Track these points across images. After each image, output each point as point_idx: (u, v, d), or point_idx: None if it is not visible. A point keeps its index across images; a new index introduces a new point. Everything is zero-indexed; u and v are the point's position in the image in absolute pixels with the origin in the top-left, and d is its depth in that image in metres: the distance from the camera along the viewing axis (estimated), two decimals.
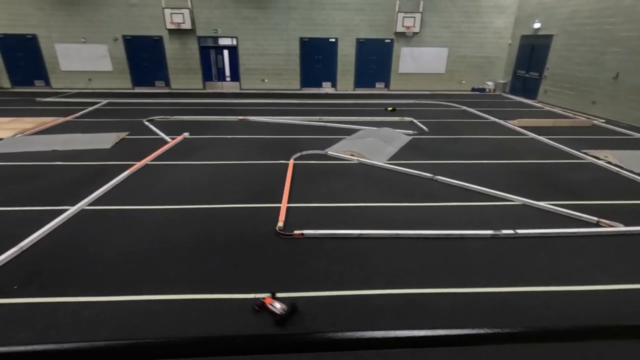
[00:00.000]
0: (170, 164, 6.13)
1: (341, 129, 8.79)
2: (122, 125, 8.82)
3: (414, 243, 3.82)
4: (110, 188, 5.07)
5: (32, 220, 4.12)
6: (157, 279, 3.20)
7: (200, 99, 12.87)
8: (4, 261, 3.38)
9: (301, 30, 14.71)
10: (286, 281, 3.19)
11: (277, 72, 15.36)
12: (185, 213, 4.42)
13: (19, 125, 8.56)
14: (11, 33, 14.26)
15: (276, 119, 9.62)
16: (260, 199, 4.80)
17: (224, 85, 15.62)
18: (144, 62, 15.02)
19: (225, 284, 3.15)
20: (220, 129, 8.63)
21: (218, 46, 15.00)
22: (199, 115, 9.95)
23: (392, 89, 15.80)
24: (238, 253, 3.61)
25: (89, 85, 15.09)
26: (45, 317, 2.74)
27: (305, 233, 3.92)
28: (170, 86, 15.36)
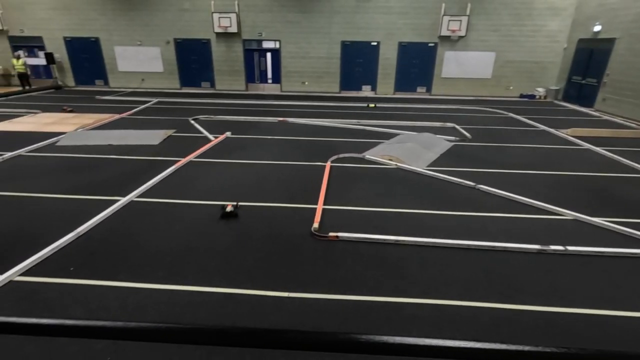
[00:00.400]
0: (212, 162, 6.38)
1: (380, 133, 8.70)
2: (169, 123, 9.32)
3: (453, 253, 3.68)
4: (157, 182, 5.37)
5: (88, 208, 4.46)
6: (197, 270, 3.34)
7: (243, 100, 13.29)
8: (63, 244, 3.68)
9: (343, 33, 14.76)
10: (320, 282, 3.20)
11: (318, 75, 15.52)
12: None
13: (80, 121, 9.32)
14: (77, 36, 15.58)
15: (315, 121, 9.71)
16: (297, 200, 4.86)
17: (266, 87, 16.02)
18: (192, 63, 15.78)
19: (261, 280, 3.22)
20: (260, 129, 8.86)
21: (261, 49, 15.43)
22: (240, 116, 10.28)
23: (434, 94, 15.40)
24: (274, 251, 3.68)
25: (142, 85, 16.11)
26: (97, 299, 2.95)
27: (340, 236, 3.91)
28: (215, 87, 16.01)
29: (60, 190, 5.04)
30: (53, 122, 9.13)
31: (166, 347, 2.45)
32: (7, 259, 3.41)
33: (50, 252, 3.53)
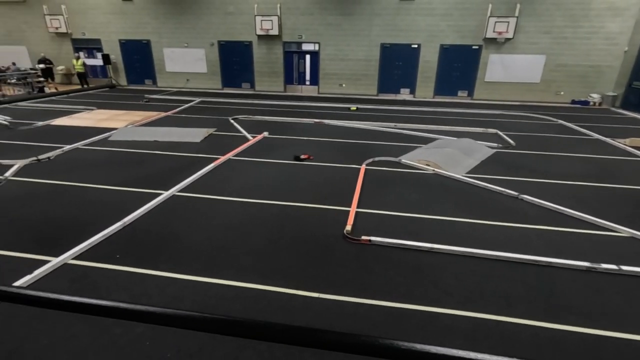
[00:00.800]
0: (250, 160, 6.55)
1: (417, 137, 8.51)
2: (211, 121, 9.70)
3: (492, 265, 3.52)
4: (197, 178, 5.60)
5: (134, 200, 4.74)
6: (232, 265, 3.44)
7: (281, 101, 13.54)
8: (111, 233, 3.94)
9: (383, 36, 14.62)
10: (351, 285, 3.18)
11: (356, 77, 15.48)
12: (260, 207, 4.68)
13: (130, 118, 9.94)
14: (131, 39, 16.65)
15: (351, 124, 9.68)
16: (330, 201, 4.86)
17: (303, 88, 16.22)
18: (234, 65, 16.33)
19: (292, 279, 3.25)
20: (297, 130, 8.98)
21: (301, 51, 15.65)
22: (278, 117, 10.48)
23: (476, 98, 14.83)
24: (306, 252, 3.70)
25: (187, 85, 16.90)
26: (139, 285, 3.13)
27: (372, 240, 3.86)
28: (254, 88, 16.45)
29: (110, 181, 5.39)
30: (107, 119, 9.80)
31: (200, 335, 2.54)
32: (63, 243, 3.70)
33: (99, 239, 3.79)
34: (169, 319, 0.83)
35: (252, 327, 0.83)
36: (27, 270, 3.22)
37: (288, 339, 0.81)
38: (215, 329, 0.83)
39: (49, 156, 6.47)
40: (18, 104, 12.07)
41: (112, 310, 0.90)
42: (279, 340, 0.81)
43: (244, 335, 0.83)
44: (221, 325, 0.83)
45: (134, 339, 2.53)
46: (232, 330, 0.82)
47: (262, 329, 0.81)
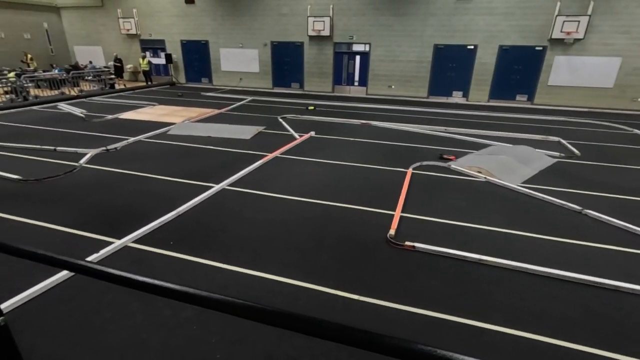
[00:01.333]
0: (296, 159, 6.68)
1: (468, 143, 8.13)
2: (260, 120, 10.02)
3: (548, 283, 3.27)
4: (246, 173, 5.82)
5: (187, 191, 5.04)
6: (276, 260, 3.53)
7: (328, 102, 13.63)
8: (166, 221, 4.22)
9: (437, 36, 14.14)
10: (392, 290, 3.12)
11: (406, 78, 15.14)
12: (304, 206, 4.75)
13: (187, 114, 10.58)
14: (191, 39, 17.69)
15: (399, 126, 9.49)
16: (374, 204, 4.81)
17: (352, 89, 16.19)
18: (285, 65, 16.72)
19: (333, 279, 3.27)
20: (343, 131, 8.99)
21: (351, 52, 15.62)
22: (325, 117, 10.56)
23: (537, 103, 13.83)
24: (348, 253, 3.70)
25: (240, 84, 17.61)
26: (189, 272, 3.32)
27: (416, 246, 3.76)
28: (303, 88, 16.72)
29: (167, 172, 5.78)
30: (166, 114, 10.52)
31: (243, 325, 2.64)
32: (124, 227, 4.04)
33: (156, 226, 4.08)
34: (216, 304, 0.88)
35: (293, 319, 0.84)
36: (94, 249, 3.56)
37: (327, 335, 0.81)
38: (256, 317, 0.86)
39: (116, 147, 7.09)
40: (92, 98, 13.36)
41: (167, 290, 0.97)
42: (319, 335, 0.82)
43: (284, 326, 0.85)
44: (262, 314, 0.86)
45: (182, 322, 2.70)
46: (274, 321, 0.85)
47: (303, 323, 0.83)
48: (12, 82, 12.41)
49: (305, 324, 0.79)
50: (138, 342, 2.51)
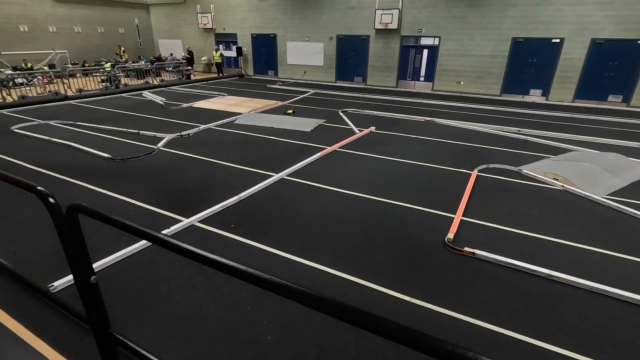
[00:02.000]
0: (354, 153, 6.65)
1: (545, 147, 7.40)
2: (321, 113, 10.13)
3: (631, 310, 2.87)
4: (304, 165, 5.94)
5: (249, 179, 5.30)
6: (328, 252, 3.57)
7: (391, 97, 13.31)
8: (228, 205, 4.49)
9: (517, 29, 13.00)
10: (446, 296, 2.99)
11: (477, 74, 14.19)
12: (360, 201, 4.73)
13: (252, 105, 11.07)
14: (261, 33, 18.40)
15: (466, 125, 8.96)
16: (433, 205, 4.61)
17: (416, 84, 15.61)
18: (349, 59, 16.64)
19: (385, 278, 3.21)
20: (405, 127, 8.73)
21: (418, 46, 15.03)
22: (387, 112, 10.33)
23: (634, 105, 12.10)
24: (402, 253, 3.61)
25: (303, 77, 17.94)
26: (245, 255, 3.50)
27: (477, 253, 3.54)
28: (366, 82, 16.52)
29: (231, 159, 6.13)
30: (234, 104, 11.12)
31: (292, 311, 2.73)
32: (191, 207, 4.38)
33: (219, 209, 4.36)
34: (274, 286, 0.92)
35: (346, 311, 0.84)
36: (166, 225, 3.92)
37: (381, 332, 0.80)
38: (309, 303, 0.87)
39: (188, 133, 7.68)
40: (171, 87, 14.59)
41: (231, 268, 1.03)
42: (371, 329, 0.82)
43: (335, 315, 0.86)
44: (313, 301, 0.87)
45: (238, 301, 2.86)
46: (325, 309, 0.85)
47: (357, 317, 0.82)
48: (107, 71, 14.04)
49: (361, 318, 0.79)
50: (198, 314, 2.72)
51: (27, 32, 16.56)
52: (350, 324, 0.82)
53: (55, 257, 3.31)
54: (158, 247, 3.45)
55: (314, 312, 2.78)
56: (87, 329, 2.48)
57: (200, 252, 1.01)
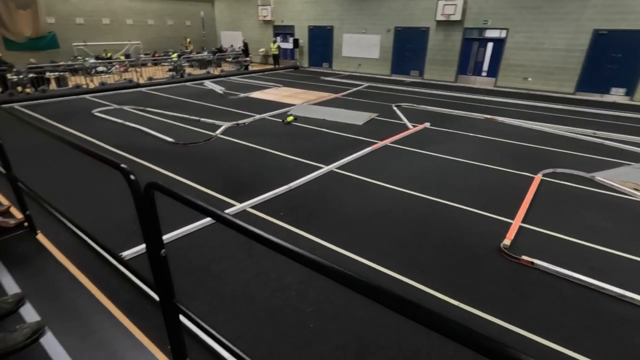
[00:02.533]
0: (406, 149, 6.47)
1: (625, 152, 6.61)
2: (374, 106, 9.96)
3: None
4: (354, 158, 5.90)
5: (299, 169, 5.39)
6: (373, 247, 3.54)
7: (449, 92, 12.70)
8: (278, 193, 4.61)
9: (600, 20, 11.66)
10: (500, 306, 2.82)
11: (548, 70, 13.01)
12: (409, 198, 4.60)
13: (306, 96, 11.20)
14: (318, 25, 18.46)
15: (531, 124, 8.29)
16: (489, 208, 4.35)
17: (477, 80, 14.71)
18: (406, 52, 16.12)
19: (432, 279, 3.11)
20: (462, 124, 8.30)
21: (483, 38, 14.11)
22: (443, 108, 9.89)
23: None
24: (452, 255, 3.46)
25: (357, 70, 17.74)
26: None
27: (536, 263, 3.29)
28: (422, 76, 15.92)
29: (283, 149, 6.27)
30: (288, 95, 11.34)
31: (336, 304, 2.75)
32: (244, 193, 4.56)
33: (269, 197, 4.50)
34: (320, 267, 0.92)
35: (396, 301, 0.82)
36: (219, 208, 4.12)
37: (439, 329, 0.77)
38: (362, 290, 0.86)
39: (244, 122, 7.99)
40: (230, 78, 15.24)
41: (279, 246, 1.06)
42: (428, 325, 0.79)
43: (385, 304, 0.84)
44: (362, 287, 0.86)
45: (284, 287, 2.94)
46: (373, 296, 0.84)
47: (410, 309, 0.80)
48: (174, 61, 15.02)
49: (416, 310, 0.76)
50: (246, 294, 2.85)
51: (108, 25, 18.23)
52: (409, 318, 0.81)
53: (123, 231, 3.65)
54: (212, 229, 3.65)
55: (357, 306, 2.79)
56: (149, 297, 2.72)
57: (260, 233, 1.05)
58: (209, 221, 3.81)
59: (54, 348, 2.05)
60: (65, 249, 3.17)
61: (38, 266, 2.78)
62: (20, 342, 1.99)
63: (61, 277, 2.67)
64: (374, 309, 2.72)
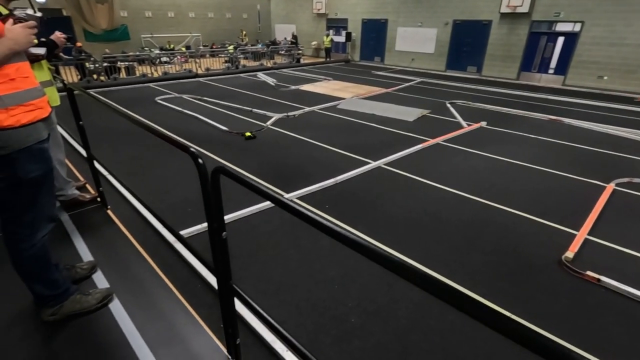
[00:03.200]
0: (459, 149, 6.17)
1: None
2: (427, 103, 9.61)
3: None
4: (403, 155, 5.75)
5: (346, 163, 5.37)
6: (420, 248, 3.43)
7: (509, 90, 11.89)
8: (325, 186, 4.63)
9: None
10: (556, 322, 2.61)
11: (628, 68, 11.68)
12: (461, 200, 4.40)
13: (356, 90, 11.09)
14: (372, 18, 18.13)
15: (604, 128, 7.51)
16: (550, 217, 4.02)
17: (543, 78, 13.61)
18: (464, 46, 15.32)
19: (482, 287, 2.95)
20: (523, 125, 7.73)
21: (552, 32, 12.98)
22: (502, 107, 9.28)
23: None
24: (505, 263, 3.26)
25: (411, 65, 17.21)
26: None
27: (603, 280, 2.99)
28: (481, 72, 15.06)
29: (331, 142, 6.28)
30: (338, 89, 11.30)
31: (378, 300, 2.71)
32: (291, 184, 4.64)
33: (316, 189, 4.54)
34: (370, 253, 0.90)
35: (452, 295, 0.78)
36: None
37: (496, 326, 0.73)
38: (415, 280, 0.83)
39: (294, 114, 8.11)
40: (282, 70, 15.53)
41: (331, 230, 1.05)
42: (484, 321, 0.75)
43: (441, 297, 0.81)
44: (414, 276, 0.83)
45: (327, 279, 2.96)
46: (428, 287, 0.81)
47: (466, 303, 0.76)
48: (230, 53, 15.60)
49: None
50: (290, 283, 2.91)
51: (172, 18, 19.36)
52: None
53: (178, 212, 3.89)
54: (260, 217, 3.75)
55: (400, 305, 2.74)
56: (200, 276, 2.87)
57: (315, 217, 1.05)
58: (257, 209, 3.94)
59: (120, 314, 2.24)
60: (128, 224, 3.45)
61: (107, 238, 3.05)
62: (92, 305, 2.21)
63: (126, 249, 2.91)
64: (417, 310, 2.65)
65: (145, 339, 2.06)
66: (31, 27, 1.67)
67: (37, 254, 1.89)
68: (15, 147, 1.64)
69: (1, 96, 1.57)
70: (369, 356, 2.27)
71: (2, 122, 1.58)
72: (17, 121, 1.63)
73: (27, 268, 1.92)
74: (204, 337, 2.10)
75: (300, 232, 3.57)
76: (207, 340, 2.08)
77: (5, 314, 2.20)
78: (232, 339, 1.80)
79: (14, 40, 1.58)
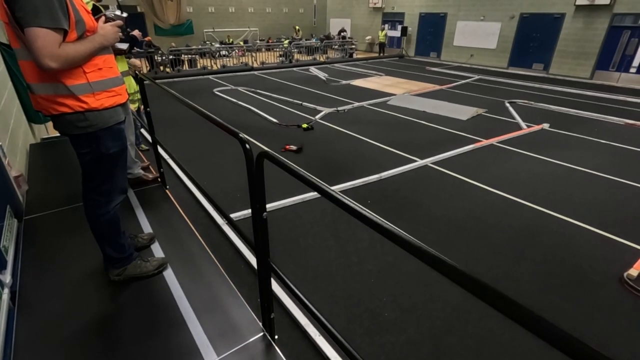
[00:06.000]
0: (515, 151, 5.81)
1: None
2: (483, 101, 9.13)
3: None
4: (452, 155, 5.55)
5: (392, 160, 5.31)
6: (465, 252, 3.33)
7: (580, 90, 10.87)
8: (369, 181, 4.64)
9: None
10: (614, 344, 2.41)
11: None
12: (512, 205, 4.17)
13: (408, 87, 10.83)
14: (430, 12, 17.49)
15: None
16: (613, 229, 3.68)
17: (622, 77, 12.24)
18: (531, 41, 14.24)
19: (528, 298, 2.81)
20: (593, 129, 7.06)
21: (637, 26, 11.58)
22: (569, 108, 8.53)
23: None
24: (557, 275, 3.06)
25: (469, 61, 16.37)
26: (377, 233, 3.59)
27: None
28: (548, 70, 13.91)
29: (378, 139, 6.23)
30: (389, 85, 11.12)
31: (414, 297, 2.70)
32: (336, 177, 4.71)
33: (360, 184, 4.56)
34: (414, 249, 0.92)
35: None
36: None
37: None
38: (460, 281, 0.84)
39: (344, 109, 8.14)
40: (334, 65, 15.58)
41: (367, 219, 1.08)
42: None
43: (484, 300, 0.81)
44: (467, 282, 0.83)
45: (364, 272, 3.00)
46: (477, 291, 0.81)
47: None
48: (285, 47, 15.98)
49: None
50: (327, 272, 2.99)
51: (233, 13, 20.23)
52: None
53: (228, 197, 4.14)
54: (301, 207, 3.88)
55: (436, 306, 2.71)
56: (243, 257, 3.06)
57: (358, 209, 1.10)
58: (300, 199, 4.07)
59: (172, 282, 2.49)
60: (183, 203, 3.75)
61: (165, 214, 3.36)
62: (150, 271, 2.49)
63: (181, 226, 3.19)
64: (454, 313, 2.59)
65: (191, 305, 2.29)
66: (118, 25, 1.98)
67: (110, 220, 2.19)
68: (100, 126, 1.92)
69: (90, 83, 1.83)
70: (400, 351, 2.29)
71: (90, 105, 1.85)
72: (101, 105, 1.90)
73: (101, 231, 2.22)
74: (242, 309, 2.27)
75: (340, 225, 3.63)
76: (245, 312, 2.24)
77: (83, 270, 2.57)
78: (267, 313, 1.93)
79: (104, 37, 1.87)
